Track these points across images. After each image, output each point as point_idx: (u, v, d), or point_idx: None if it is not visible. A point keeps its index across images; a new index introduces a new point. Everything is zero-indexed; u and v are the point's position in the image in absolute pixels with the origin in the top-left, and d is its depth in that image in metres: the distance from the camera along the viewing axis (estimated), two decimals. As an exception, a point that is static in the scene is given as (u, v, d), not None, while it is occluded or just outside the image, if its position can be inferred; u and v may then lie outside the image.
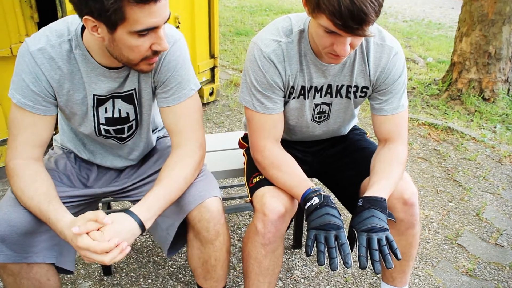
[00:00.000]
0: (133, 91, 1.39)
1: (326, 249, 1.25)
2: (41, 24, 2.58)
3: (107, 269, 2.03)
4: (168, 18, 1.16)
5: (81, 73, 1.29)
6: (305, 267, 2.15)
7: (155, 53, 1.21)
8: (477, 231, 2.46)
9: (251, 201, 1.55)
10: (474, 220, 2.56)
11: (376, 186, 1.36)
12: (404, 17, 8.97)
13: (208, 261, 1.46)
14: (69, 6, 2.46)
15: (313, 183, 1.41)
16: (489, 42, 3.94)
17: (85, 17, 1.10)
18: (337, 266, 1.24)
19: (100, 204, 2.05)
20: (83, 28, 1.26)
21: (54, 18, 2.52)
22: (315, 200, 1.32)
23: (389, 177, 1.40)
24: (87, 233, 1.13)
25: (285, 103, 1.52)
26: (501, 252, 2.29)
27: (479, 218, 2.58)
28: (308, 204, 1.33)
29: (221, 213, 1.41)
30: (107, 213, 2.08)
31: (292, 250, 2.26)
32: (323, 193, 1.35)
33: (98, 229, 1.15)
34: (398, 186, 1.44)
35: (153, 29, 1.14)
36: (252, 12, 8.55)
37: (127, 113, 1.42)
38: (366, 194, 1.35)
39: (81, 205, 1.49)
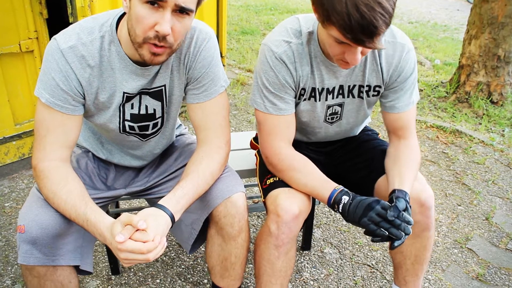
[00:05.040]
0: (163, 87, 1.37)
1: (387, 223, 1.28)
2: (50, 21, 2.58)
3: (115, 268, 2.01)
4: (185, 10, 1.12)
5: (113, 70, 1.27)
6: (314, 269, 2.13)
7: (157, 38, 1.13)
8: (486, 236, 2.44)
9: (264, 203, 1.54)
10: (484, 224, 2.54)
11: (404, 180, 1.40)
12: (409, 19, 8.93)
13: (228, 258, 1.46)
14: (79, 3, 2.44)
15: (336, 184, 1.41)
16: (498, 45, 3.91)
17: None
18: (410, 230, 1.28)
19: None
20: (117, 23, 1.25)
21: (64, 14, 2.52)
22: (345, 199, 1.34)
23: (412, 177, 1.43)
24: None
25: (296, 104, 1.51)
26: (511, 257, 2.27)
27: (488, 222, 2.56)
28: (341, 205, 1.34)
29: (246, 209, 1.41)
30: (117, 213, 2.08)
31: (301, 251, 2.24)
32: (348, 191, 1.38)
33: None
34: (415, 188, 1.43)
35: (162, 3, 1.09)
36: (258, 11, 8.52)
37: (154, 110, 1.40)
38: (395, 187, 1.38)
39: (102, 206, 1.48)
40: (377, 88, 1.51)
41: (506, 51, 3.92)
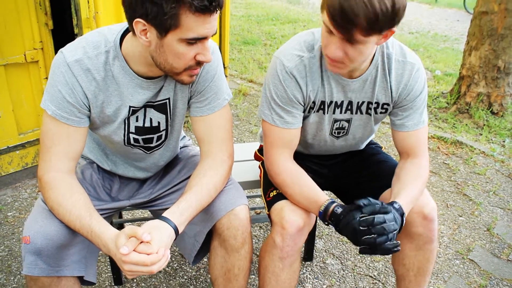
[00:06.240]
0: (167, 100, 1.39)
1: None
2: (55, 31, 2.61)
3: (117, 279, 2.02)
4: (216, 32, 1.19)
5: (118, 84, 1.29)
6: (317, 280, 2.13)
7: (198, 64, 1.22)
8: (488, 247, 2.44)
9: (268, 215, 1.55)
10: (485, 235, 2.55)
11: (401, 200, 1.36)
12: (410, 29, 8.99)
13: (231, 270, 1.46)
14: (84, 14, 2.47)
15: (327, 197, 1.41)
16: (498, 56, 3.94)
17: (137, 19, 1.11)
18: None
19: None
20: (121, 38, 1.27)
21: (69, 25, 2.54)
22: (337, 210, 1.34)
23: (413, 192, 1.41)
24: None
25: (305, 117, 1.52)
26: (513, 268, 2.28)
27: (490, 233, 2.56)
28: (332, 218, 1.34)
29: (249, 222, 1.42)
30: (120, 224, 2.08)
31: (303, 262, 2.24)
32: (339, 204, 1.37)
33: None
34: (418, 201, 1.44)
35: (202, 39, 1.16)
36: (259, 21, 8.57)
37: (158, 123, 1.42)
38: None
39: (107, 217, 1.49)
40: (385, 106, 1.52)
41: (506, 62, 3.95)
